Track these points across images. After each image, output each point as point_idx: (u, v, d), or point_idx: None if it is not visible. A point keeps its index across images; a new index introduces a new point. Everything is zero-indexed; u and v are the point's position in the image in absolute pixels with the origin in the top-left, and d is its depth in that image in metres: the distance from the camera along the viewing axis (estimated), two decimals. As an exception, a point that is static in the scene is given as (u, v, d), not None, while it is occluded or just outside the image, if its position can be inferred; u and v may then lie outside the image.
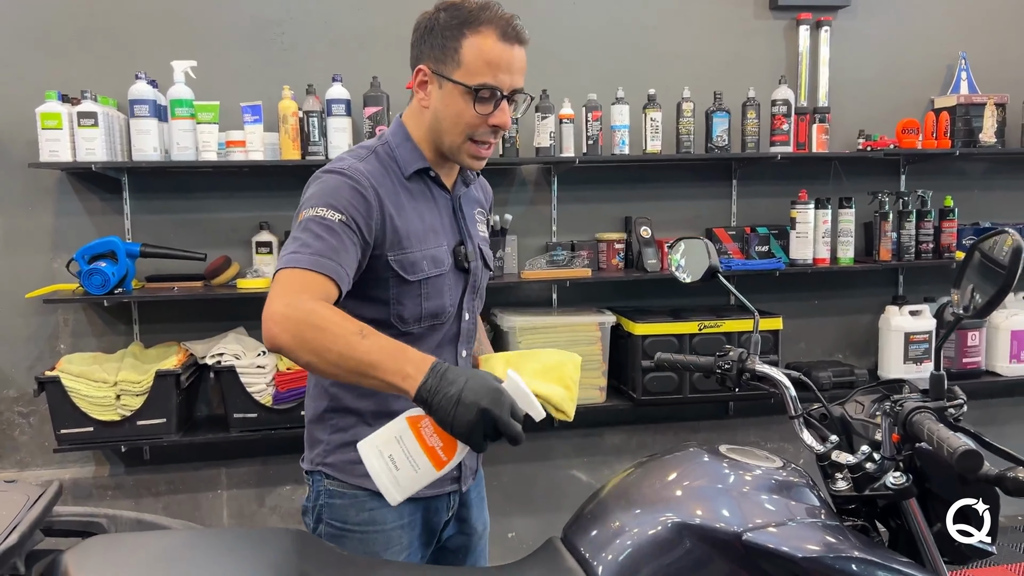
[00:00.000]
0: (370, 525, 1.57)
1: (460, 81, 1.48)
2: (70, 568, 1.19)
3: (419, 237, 1.54)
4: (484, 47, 1.47)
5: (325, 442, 1.59)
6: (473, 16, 1.48)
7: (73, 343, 3.10)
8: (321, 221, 1.42)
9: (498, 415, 1.20)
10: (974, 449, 1.15)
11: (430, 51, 1.51)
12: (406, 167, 1.56)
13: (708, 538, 1.33)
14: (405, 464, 1.27)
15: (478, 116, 1.50)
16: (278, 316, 1.31)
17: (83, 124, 2.78)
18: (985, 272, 1.29)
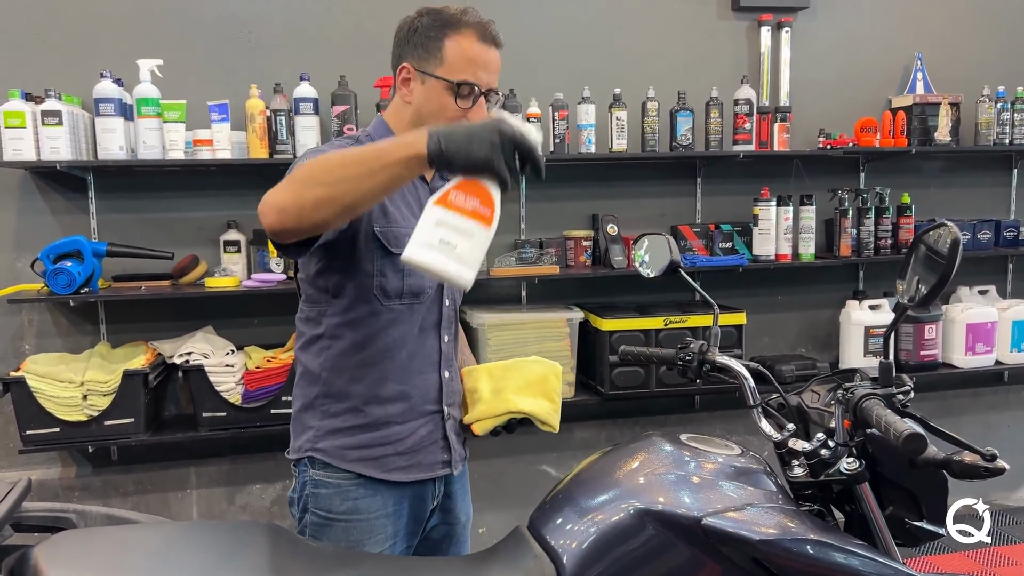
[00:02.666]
0: (354, 514, 1.60)
1: (443, 76, 1.58)
2: (40, 563, 1.20)
3: (403, 216, 1.60)
4: (465, 46, 1.57)
5: (315, 428, 1.63)
6: (455, 19, 1.58)
7: (38, 343, 3.07)
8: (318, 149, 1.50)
9: (512, 132, 1.23)
10: (918, 432, 1.20)
11: (413, 50, 1.60)
12: None
13: (669, 523, 1.37)
14: (458, 239, 1.23)
15: (459, 110, 1.58)
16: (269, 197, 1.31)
17: (47, 123, 2.75)
18: (928, 263, 1.34)
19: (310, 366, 1.64)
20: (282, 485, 3.29)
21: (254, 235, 3.11)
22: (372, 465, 1.61)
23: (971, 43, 3.85)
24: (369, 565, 1.44)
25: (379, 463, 1.62)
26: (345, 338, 1.61)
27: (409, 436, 1.65)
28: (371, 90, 3.06)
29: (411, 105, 1.62)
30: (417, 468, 1.66)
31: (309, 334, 1.64)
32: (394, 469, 1.63)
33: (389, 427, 1.63)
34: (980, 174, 3.93)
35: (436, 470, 1.70)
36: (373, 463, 1.62)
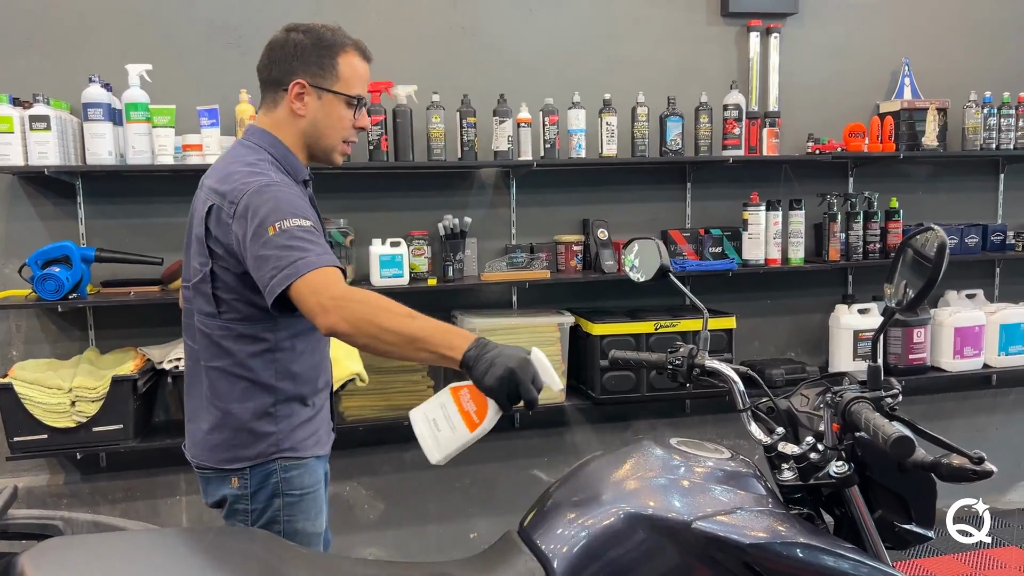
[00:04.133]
0: (314, 484, 1.81)
1: (341, 92, 1.76)
2: (26, 570, 1.18)
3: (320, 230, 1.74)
4: (354, 64, 1.79)
5: (275, 432, 1.75)
6: (340, 38, 1.79)
7: (26, 350, 3.05)
8: (302, 229, 1.57)
9: (521, 378, 1.41)
10: (907, 435, 1.21)
11: (307, 68, 1.75)
12: (297, 175, 1.79)
13: (660, 527, 1.37)
14: (445, 426, 1.47)
15: (352, 119, 1.79)
16: (340, 309, 1.49)
17: (35, 128, 2.74)
18: (915, 267, 1.35)
19: (260, 378, 1.72)
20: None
21: (244, 240, 3.10)
22: (318, 446, 1.83)
23: (958, 49, 3.88)
24: (359, 570, 1.44)
25: (321, 442, 1.84)
26: (296, 348, 1.76)
27: (325, 410, 1.88)
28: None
29: (305, 118, 1.76)
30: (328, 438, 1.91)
31: (249, 350, 1.71)
32: (325, 443, 1.87)
33: (321, 410, 1.85)
34: (967, 179, 3.96)
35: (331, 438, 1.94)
36: (318, 444, 1.83)
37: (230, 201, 1.62)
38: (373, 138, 3.04)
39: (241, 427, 1.72)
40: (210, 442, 1.75)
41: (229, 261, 1.65)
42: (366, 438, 3.31)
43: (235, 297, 1.68)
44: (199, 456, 1.78)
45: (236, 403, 1.72)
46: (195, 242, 1.70)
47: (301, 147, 1.79)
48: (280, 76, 1.75)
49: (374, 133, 3.03)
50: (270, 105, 1.78)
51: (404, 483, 3.41)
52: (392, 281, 3.05)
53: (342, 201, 3.24)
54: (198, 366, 1.76)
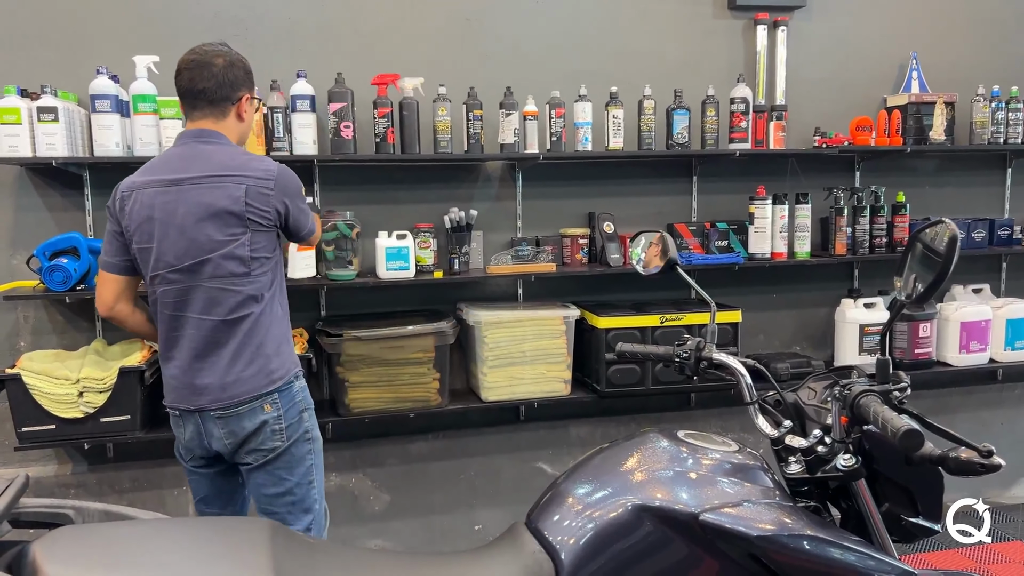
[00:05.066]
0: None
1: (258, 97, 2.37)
2: (38, 558, 1.19)
3: None
4: None
5: (291, 351, 2.24)
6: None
7: (34, 340, 3.06)
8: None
9: None
10: (916, 428, 1.21)
11: (248, 83, 2.24)
12: None
13: (667, 519, 1.38)
14: None
15: None
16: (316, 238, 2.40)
17: (43, 119, 2.75)
18: (925, 261, 1.35)
19: (278, 312, 2.20)
20: (278, 482, 3.28)
21: (250, 232, 3.10)
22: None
23: (966, 43, 3.87)
24: (367, 560, 1.45)
25: None
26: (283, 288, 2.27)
27: None
28: (368, 87, 3.06)
29: (245, 122, 2.26)
30: None
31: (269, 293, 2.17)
32: None
33: None
34: (974, 173, 3.94)
35: None
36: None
37: (264, 179, 2.11)
38: (380, 131, 3.04)
39: (275, 352, 2.16)
40: (246, 378, 2.12)
41: (263, 224, 2.11)
42: (372, 430, 3.32)
43: (263, 252, 2.13)
44: (234, 396, 2.12)
45: (269, 333, 2.16)
46: (218, 219, 2.07)
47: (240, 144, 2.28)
48: (230, 93, 2.18)
49: (380, 126, 3.03)
50: (218, 115, 2.18)
51: (409, 475, 3.42)
52: (398, 274, 3.06)
53: (348, 193, 3.24)
54: (220, 331, 2.11)
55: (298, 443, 2.21)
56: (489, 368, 3.16)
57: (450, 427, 3.44)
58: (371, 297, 3.28)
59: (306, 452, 2.23)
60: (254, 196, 2.09)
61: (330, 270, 3.06)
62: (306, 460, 2.23)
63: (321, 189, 3.22)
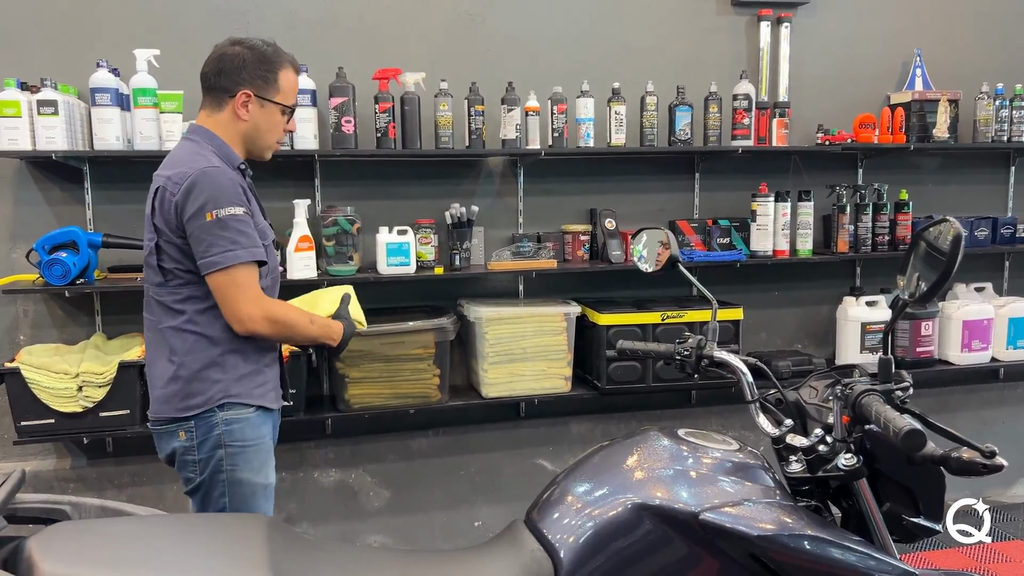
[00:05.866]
0: (259, 438, 2.03)
1: (281, 103, 2.06)
2: (34, 554, 1.19)
3: (256, 212, 2.04)
4: (290, 78, 2.09)
5: (223, 380, 1.97)
6: (279, 56, 2.06)
7: (33, 334, 3.06)
8: (233, 218, 1.89)
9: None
10: (918, 428, 1.20)
11: (252, 80, 2.01)
12: (232, 164, 2.03)
13: (667, 518, 1.37)
14: None
15: (285, 125, 2.11)
16: (259, 323, 1.93)
17: (43, 112, 2.74)
18: (929, 259, 1.34)
19: (207, 332, 1.96)
20: (278, 477, 3.24)
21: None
22: (266, 399, 2.05)
23: (970, 40, 3.85)
24: (364, 558, 1.44)
25: (271, 396, 2.07)
26: None
27: (273, 376, 2.10)
28: (369, 82, 3.05)
29: (246, 123, 2.03)
30: (279, 399, 2.14)
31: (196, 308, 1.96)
32: (278, 399, 2.12)
33: (271, 367, 2.09)
34: (978, 171, 3.93)
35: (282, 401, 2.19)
36: (266, 397, 2.05)
37: (175, 182, 1.90)
38: (381, 126, 3.03)
39: (193, 376, 1.96)
40: (165, 394, 1.98)
41: (171, 235, 1.91)
42: (371, 426, 3.31)
43: (177, 265, 1.94)
44: (155, 410, 2.01)
45: (189, 355, 1.96)
46: (146, 222, 1.98)
47: (239, 144, 2.07)
48: (228, 85, 2.00)
49: (382, 121, 3.02)
50: (214, 108, 2.03)
51: (409, 471, 3.41)
52: (399, 269, 3.05)
53: (349, 188, 3.23)
54: (157, 333, 2.00)
55: (213, 483, 1.97)
56: (490, 364, 3.16)
57: (450, 423, 3.43)
58: (371, 293, 3.27)
59: (218, 495, 1.98)
60: (161, 201, 1.92)
61: (330, 265, 3.05)
62: (218, 503, 1.99)
63: (322, 184, 3.21)
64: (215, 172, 1.90)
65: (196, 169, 1.89)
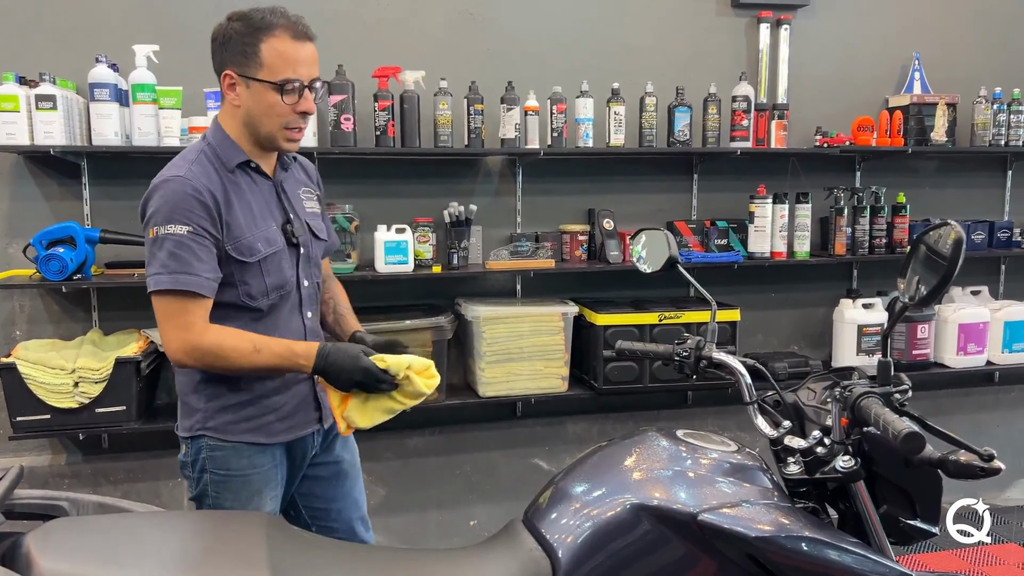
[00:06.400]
0: (250, 469, 1.82)
1: (265, 79, 1.72)
2: (32, 550, 1.19)
3: (250, 223, 1.76)
4: (279, 48, 1.71)
5: (203, 409, 1.80)
6: (265, 22, 1.72)
7: (29, 329, 3.05)
8: (171, 237, 1.66)
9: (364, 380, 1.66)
10: (917, 431, 1.20)
11: (232, 57, 1.74)
12: (229, 162, 1.77)
13: (665, 519, 1.37)
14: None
15: (287, 107, 1.73)
16: (181, 355, 1.68)
17: (41, 107, 2.73)
18: (929, 263, 1.34)
19: None
20: (273, 475, 3.28)
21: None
22: (258, 433, 1.81)
23: (968, 44, 3.86)
24: (363, 556, 1.44)
25: (263, 431, 1.82)
26: None
27: (286, 404, 1.84)
28: (369, 80, 3.04)
29: (240, 108, 1.76)
30: (295, 428, 1.87)
31: None
32: (276, 433, 1.84)
33: (269, 398, 1.82)
34: (975, 175, 3.94)
35: (311, 426, 1.91)
36: (259, 431, 1.81)
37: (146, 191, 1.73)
38: (380, 124, 3.02)
39: (181, 397, 1.85)
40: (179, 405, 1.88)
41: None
42: (368, 424, 3.31)
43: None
44: None
45: (180, 374, 1.83)
46: None
47: (245, 136, 1.79)
48: (217, 67, 1.78)
49: (381, 119, 3.02)
50: (222, 96, 1.82)
51: (405, 470, 3.41)
52: (396, 268, 3.05)
53: (347, 186, 3.23)
54: None
55: (202, 505, 1.86)
56: (487, 364, 3.16)
57: (447, 422, 3.43)
58: (369, 291, 3.27)
59: None
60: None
61: (328, 263, 3.05)
62: None
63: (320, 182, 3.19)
64: (174, 182, 1.68)
65: (160, 177, 1.70)
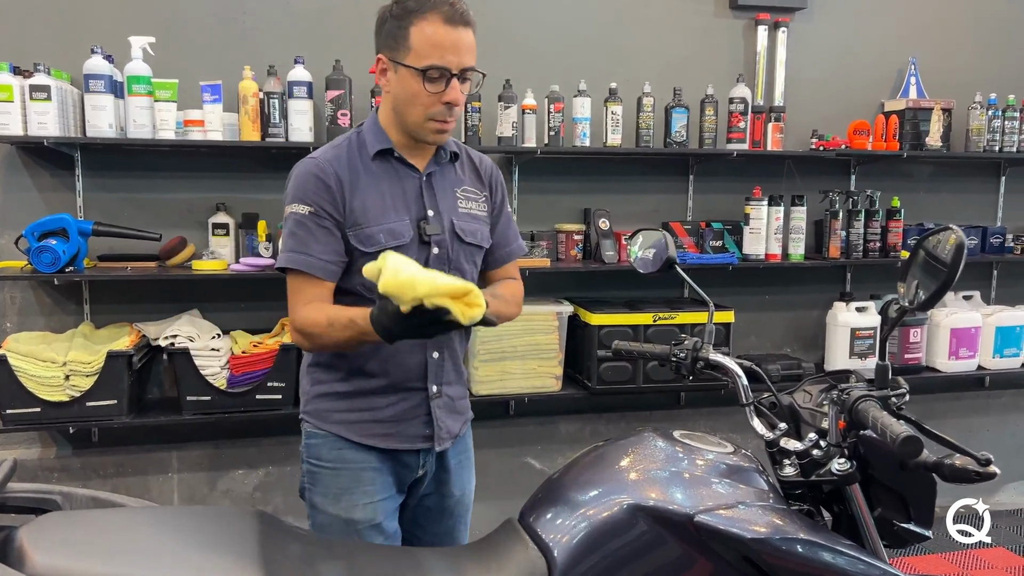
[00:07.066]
0: (339, 462, 1.74)
1: (410, 64, 1.62)
2: (25, 544, 1.17)
3: (377, 213, 1.70)
4: (429, 32, 1.60)
5: (307, 392, 1.80)
6: (419, 4, 1.61)
7: (20, 322, 3.03)
8: (294, 216, 1.67)
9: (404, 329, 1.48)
10: (914, 435, 1.21)
11: (385, 41, 1.67)
12: (371, 148, 1.72)
13: (661, 520, 1.37)
14: None
15: (430, 95, 1.63)
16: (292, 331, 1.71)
17: (35, 97, 2.70)
18: (929, 268, 1.34)
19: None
20: (264, 471, 3.27)
21: (243, 218, 3.08)
22: (351, 429, 1.74)
23: (965, 49, 3.87)
24: (357, 554, 1.43)
25: (357, 428, 1.74)
26: None
27: (388, 407, 1.75)
28: (366, 76, 3.03)
29: (389, 95, 1.70)
30: (396, 438, 1.76)
31: None
32: (372, 435, 1.75)
33: (369, 398, 1.74)
34: (969, 180, 3.96)
35: (416, 443, 1.78)
36: (352, 427, 1.74)
37: None
38: (377, 120, 3.01)
39: (300, 379, 1.84)
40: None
41: None
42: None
43: None
44: None
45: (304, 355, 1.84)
46: None
47: (394, 125, 1.72)
48: (376, 51, 1.71)
49: (378, 115, 3.01)
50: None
51: (397, 467, 3.40)
52: (392, 264, 3.03)
53: (343, 182, 3.21)
54: None
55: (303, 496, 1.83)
56: (480, 362, 3.15)
57: (439, 420, 3.42)
58: (363, 287, 3.26)
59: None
60: None
61: (323, 259, 3.03)
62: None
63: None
64: (306, 163, 1.69)
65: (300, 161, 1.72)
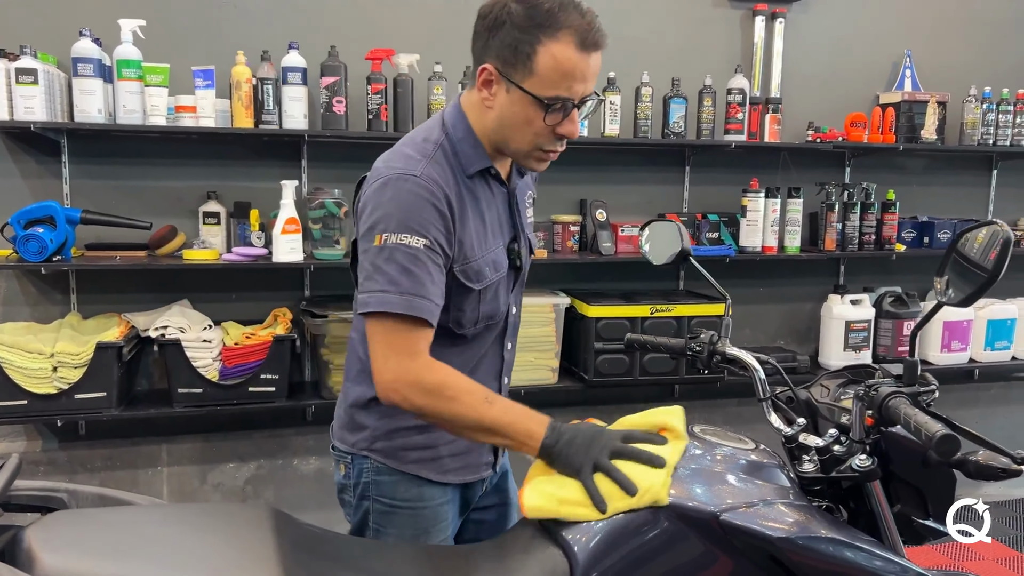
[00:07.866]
0: (419, 501, 1.58)
1: (531, 92, 1.39)
2: (33, 545, 1.13)
3: (481, 243, 1.51)
4: (561, 58, 1.37)
5: (371, 428, 1.57)
6: (552, 18, 1.36)
7: (5, 312, 2.95)
8: (406, 251, 1.37)
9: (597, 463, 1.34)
10: (952, 434, 1.19)
11: (499, 50, 1.39)
12: (468, 166, 1.49)
13: (685, 517, 1.34)
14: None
15: (546, 128, 1.42)
16: (399, 386, 1.37)
17: (21, 81, 2.63)
18: (968, 263, 1.33)
19: (366, 366, 1.48)
20: (256, 464, 3.22)
21: (235, 207, 3.01)
22: (429, 468, 1.58)
23: (960, 42, 3.88)
24: (377, 553, 1.40)
25: (434, 465, 1.58)
26: None
27: (458, 439, 1.57)
28: (362, 62, 2.97)
29: (493, 111, 1.45)
30: (466, 470, 1.64)
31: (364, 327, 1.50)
32: (448, 471, 1.60)
33: (443, 436, 1.57)
34: (961, 173, 3.97)
35: (481, 471, 1.68)
36: (429, 465, 1.58)
37: (371, 178, 1.46)
38: (373, 107, 2.96)
39: (350, 408, 1.59)
40: (339, 415, 1.64)
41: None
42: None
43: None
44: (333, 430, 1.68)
45: (354, 380, 1.59)
46: None
47: (490, 140, 1.50)
48: (477, 53, 1.44)
49: (374, 102, 2.95)
50: (472, 82, 1.48)
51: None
52: (388, 255, 2.99)
53: (338, 170, 3.16)
54: (350, 340, 1.64)
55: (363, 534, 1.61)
56: (477, 354, 3.12)
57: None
58: (357, 278, 3.21)
59: None
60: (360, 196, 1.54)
61: (316, 249, 2.98)
62: None
63: (309, 165, 3.13)
64: (411, 183, 1.40)
65: (391, 169, 1.42)
